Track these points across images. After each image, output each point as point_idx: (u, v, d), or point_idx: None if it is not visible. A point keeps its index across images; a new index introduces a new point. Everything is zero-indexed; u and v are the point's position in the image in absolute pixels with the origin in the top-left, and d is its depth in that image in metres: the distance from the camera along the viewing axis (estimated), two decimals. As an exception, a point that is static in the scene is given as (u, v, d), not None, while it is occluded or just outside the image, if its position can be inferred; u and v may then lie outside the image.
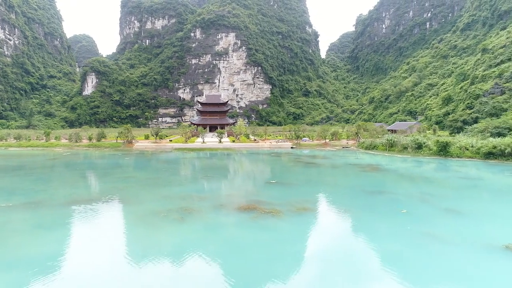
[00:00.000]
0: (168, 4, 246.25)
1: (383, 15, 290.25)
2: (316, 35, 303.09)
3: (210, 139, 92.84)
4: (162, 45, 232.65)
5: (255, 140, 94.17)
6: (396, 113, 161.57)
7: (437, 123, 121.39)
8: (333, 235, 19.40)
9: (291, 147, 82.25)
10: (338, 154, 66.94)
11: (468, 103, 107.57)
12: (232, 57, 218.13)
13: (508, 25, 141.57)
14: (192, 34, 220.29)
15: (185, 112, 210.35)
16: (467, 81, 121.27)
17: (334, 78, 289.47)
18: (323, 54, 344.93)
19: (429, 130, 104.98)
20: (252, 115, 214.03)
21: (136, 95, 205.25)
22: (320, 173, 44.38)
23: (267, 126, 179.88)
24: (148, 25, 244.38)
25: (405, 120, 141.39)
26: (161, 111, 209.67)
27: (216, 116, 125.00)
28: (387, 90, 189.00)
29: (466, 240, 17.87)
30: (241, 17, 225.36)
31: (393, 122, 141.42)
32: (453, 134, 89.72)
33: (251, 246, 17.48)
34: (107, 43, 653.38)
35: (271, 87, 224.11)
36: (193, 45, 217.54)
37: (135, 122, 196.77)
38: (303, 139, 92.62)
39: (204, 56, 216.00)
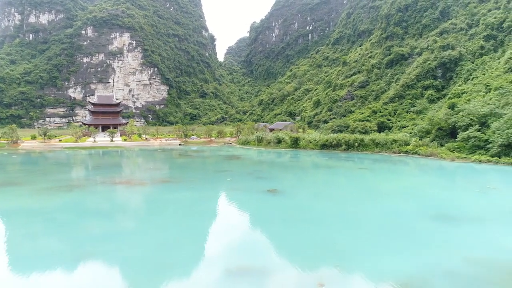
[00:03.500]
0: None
1: (273, 24, 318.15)
2: (212, 39, 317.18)
3: (102, 139, 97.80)
4: (49, 41, 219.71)
5: (147, 138, 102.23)
6: (279, 114, 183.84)
7: (309, 123, 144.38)
8: (181, 193, 31.25)
9: (179, 144, 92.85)
10: (217, 149, 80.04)
11: (329, 106, 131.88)
12: (127, 57, 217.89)
13: (363, 43, 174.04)
14: (83, 32, 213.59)
15: (76, 112, 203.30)
16: (330, 88, 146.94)
17: (230, 81, 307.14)
18: (221, 57, 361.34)
19: (300, 128, 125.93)
20: (149, 115, 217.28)
21: (18, 93, 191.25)
22: (191, 161, 56.49)
23: (164, 126, 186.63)
24: (32, 19, 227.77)
25: (285, 120, 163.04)
26: (49, 111, 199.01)
27: (109, 116, 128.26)
28: (273, 93, 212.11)
29: (257, 188, 31.49)
30: (136, 17, 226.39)
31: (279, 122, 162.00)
32: (316, 131, 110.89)
33: (118, 201, 28.31)
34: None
35: (168, 88, 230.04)
36: (85, 43, 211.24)
37: (17, 122, 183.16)
38: (191, 137, 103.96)
39: (97, 55, 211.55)
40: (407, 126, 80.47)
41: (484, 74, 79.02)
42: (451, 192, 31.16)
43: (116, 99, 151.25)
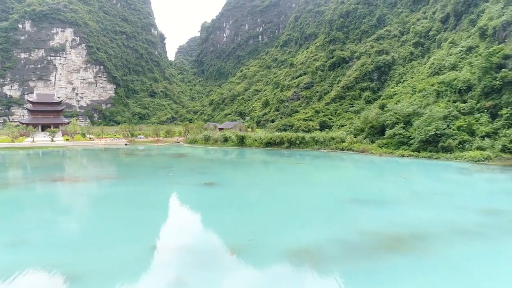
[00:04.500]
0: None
1: (224, 25, 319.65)
2: (162, 37, 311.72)
3: (42, 138, 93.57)
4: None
5: (91, 138, 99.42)
6: (229, 114, 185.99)
7: (258, 122, 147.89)
8: (119, 188, 32.11)
9: (125, 144, 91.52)
10: (164, 148, 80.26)
11: (276, 106, 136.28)
12: (70, 54, 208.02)
13: (309, 46, 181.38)
14: (21, 26, 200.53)
15: (13, 111, 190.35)
16: (278, 89, 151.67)
17: (181, 80, 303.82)
18: (172, 56, 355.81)
19: (248, 128, 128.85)
20: (95, 115, 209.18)
21: None
22: (135, 160, 56.79)
23: (111, 126, 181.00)
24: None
25: (235, 120, 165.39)
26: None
27: (49, 116, 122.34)
28: (224, 93, 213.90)
29: (196, 182, 33.19)
30: (80, 12, 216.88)
31: (229, 122, 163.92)
32: (263, 130, 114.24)
33: (54, 196, 28.77)
34: None
35: (115, 87, 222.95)
36: (22, 37, 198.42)
37: None
38: (138, 136, 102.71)
39: (37, 51, 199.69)
40: (346, 125, 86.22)
41: (412, 78, 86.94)
42: (369, 181, 35.17)
43: (58, 97, 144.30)
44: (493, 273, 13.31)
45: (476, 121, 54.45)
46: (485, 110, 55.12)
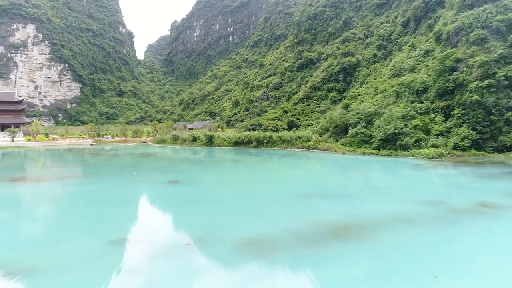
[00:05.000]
0: None
1: (194, 24, 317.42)
2: (131, 35, 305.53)
3: (1, 139, 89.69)
4: None
5: (54, 138, 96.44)
6: (200, 114, 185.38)
7: (228, 122, 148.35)
8: (81, 187, 31.88)
9: (91, 144, 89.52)
10: (132, 148, 79.25)
11: (246, 106, 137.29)
12: (32, 51, 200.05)
13: (279, 47, 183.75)
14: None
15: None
16: (248, 89, 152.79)
17: (150, 80, 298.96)
18: (141, 55, 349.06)
19: (218, 127, 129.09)
20: (59, 114, 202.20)
21: None
22: (100, 159, 55.99)
23: (77, 125, 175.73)
24: None
25: (205, 120, 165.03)
26: None
27: (9, 115, 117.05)
28: (194, 93, 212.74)
29: (160, 180, 33.44)
30: (43, 8, 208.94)
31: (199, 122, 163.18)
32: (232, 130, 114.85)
33: (13, 195, 28.29)
34: None
35: (81, 86, 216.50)
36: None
37: None
38: (104, 136, 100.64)
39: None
40: (312, 125, 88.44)
41: (375, 79, 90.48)
42: (329, 177, 36.79)
43: (19, 96, 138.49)
44: (429, 257, 14.75)
45: (431, 120, 57.75)
46: (439, 110, 58.57)
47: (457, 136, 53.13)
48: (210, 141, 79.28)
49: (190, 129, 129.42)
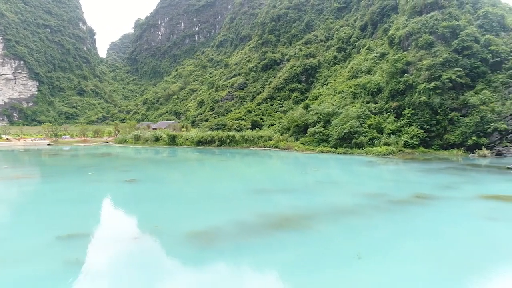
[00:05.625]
0: None
1: (159, 22, 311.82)
2: (92, 32, 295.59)
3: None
4: None
5: (8, 139, 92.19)
6: (164, 113, 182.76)
7: (193, 122, 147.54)
8: (35, 187, 31.29)
9: (48, 145, 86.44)
10: (92, 148, 77.42)
11: (211, 106, 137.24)
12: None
13: (244, 47, 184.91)
14: None
15: None
16: (213, 89, 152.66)
17: (113, 78, 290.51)
18: (104, 53, 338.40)
19: (183, 127, 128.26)
20: (14, 114, 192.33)
21: None
22: (57, 160, 54.60)
23: (34, 125, 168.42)
24: None
25: (170, 120, 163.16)
26: None
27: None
28: (158, 93, 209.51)
29: (117, 179, 33.36)
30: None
31: (163, 121, 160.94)
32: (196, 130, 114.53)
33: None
34: None
35: (38, 84, 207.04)
36: None
37: None
38: (63, 136, 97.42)
39: None
40: (275, 124, 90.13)
41: (334, 80, 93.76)
42: (284, 174, 38.28)
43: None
44: (357, 241, 16.23)
45: (384, 120, 60.96)
46: (392, 110, 61.94)
47: (407, 134, 56.48)
48: (172, 140, 78.99)
49: (154, 129, 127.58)
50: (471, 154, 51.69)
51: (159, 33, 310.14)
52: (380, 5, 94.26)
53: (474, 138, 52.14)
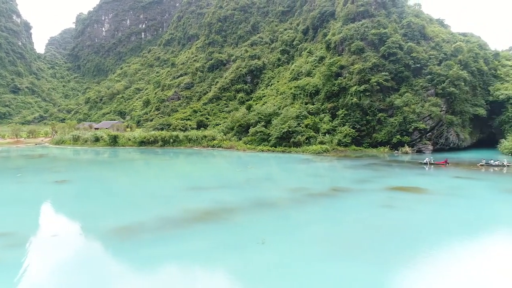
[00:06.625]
0: None
1: (103, 18, 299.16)
2: (27, 26, 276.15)
3: None
4: None
5: None
6: (108, 113, 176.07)
7: (138, 122, 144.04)
8: None
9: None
10: (25, 149, 73.17)
11: (157, 106, 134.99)
12: None
13: (192, 46, 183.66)
14: None
15: None
16: (159, 88, 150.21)
17: (52, 76, 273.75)
18: (42, 48, 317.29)
19: (128, 127, 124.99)
20: None
21: None
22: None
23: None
24: None
25: (114, 120, 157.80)
26: None
27: None
28: (102, 91, 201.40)
29: (47, 180, 32.53)
30: None
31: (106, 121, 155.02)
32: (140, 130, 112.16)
33: None
34: None
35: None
36: None
37: None
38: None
39: None
40: (220, 124, 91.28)
41: (278, 82, 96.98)
42: (220, 172, 39.71)
43: None
44: (264, 229, 18.06)
45: (320, 120, 64.68)
46: (327, 111, 65.87)
47: (340, 133, 60.51)
48: (114, 141, 77.12)
49: (96, 129, 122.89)
50: (396, 151, 56.74)
51: (103, 29, 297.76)
52: (320, 11, 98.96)
53: (398, 136, 57.29)
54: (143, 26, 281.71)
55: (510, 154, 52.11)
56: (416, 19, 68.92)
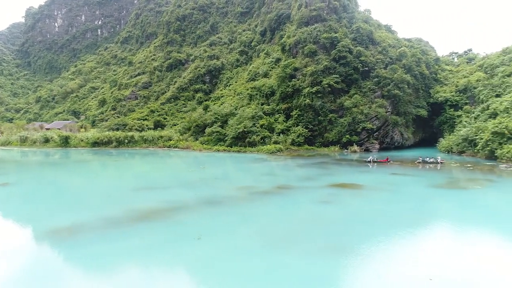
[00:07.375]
0: None
1: (55, 13, 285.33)
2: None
3: None
4: None
5: None
6: (61, 112, 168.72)
7: (93, 122, 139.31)
8: None
9: None
10: (-36, 151, 69.00)
11: (113, 105, 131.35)
12: None
13: (150, 45, 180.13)
14: None
15: None
16: (116, 87, 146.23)
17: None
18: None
19: (82, 128, 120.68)
20: None
21: None
22: None
23: None
24: None
25: (68, 119, 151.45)
26: None
27: None
28: (54, 90, 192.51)
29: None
30: None
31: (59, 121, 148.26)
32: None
33: None
34: None
35: None
36: None
37: None
38: None
39: None
40: (178, 124, 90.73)
41: (236, 82, 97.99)
42: (172, 173, 40.05)
43: None
44: (203, 225, 18.90)
45: (275, 120, 66.46)
46: (282, 112, 67.79)
47: (294, 133, 62.62)
48: (65, 142, 74.54)
49: (47, 129, 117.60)
50: (345, 150, 59.68)
51: (56, 24, 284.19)
52: (277, 13, 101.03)
53: (347, 136, 60.26)
54: (99, 22, 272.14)
55: (446, 152, 56.57)
56: (365, 24, 72.56)
